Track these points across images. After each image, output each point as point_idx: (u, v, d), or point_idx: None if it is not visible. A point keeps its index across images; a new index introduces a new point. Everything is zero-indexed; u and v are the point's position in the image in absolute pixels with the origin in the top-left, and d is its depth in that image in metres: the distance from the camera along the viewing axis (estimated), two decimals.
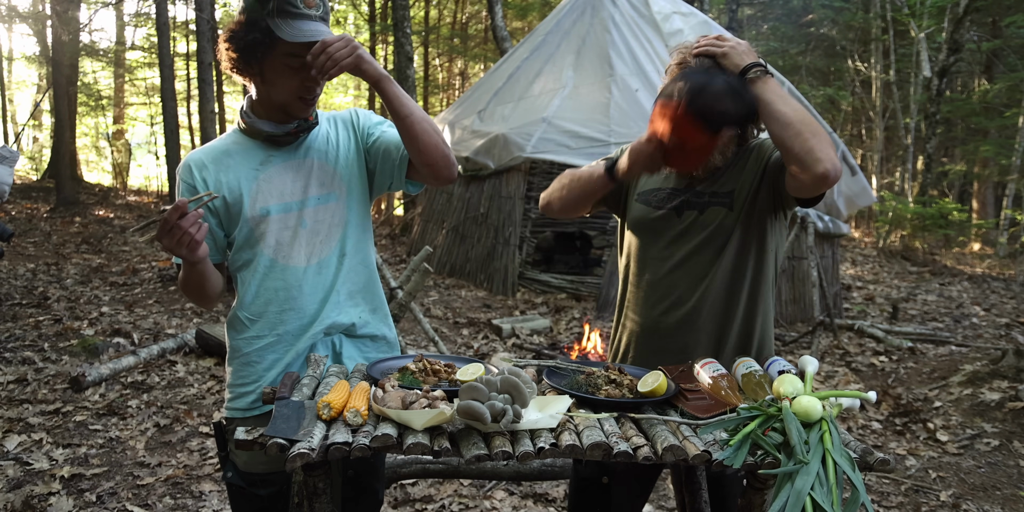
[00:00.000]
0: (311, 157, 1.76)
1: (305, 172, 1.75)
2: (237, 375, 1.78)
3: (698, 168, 1.80)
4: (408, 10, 10.45)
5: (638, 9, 7.50)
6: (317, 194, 1.75)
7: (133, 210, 13.23)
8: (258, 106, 1.73)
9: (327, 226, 1.76)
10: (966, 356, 5.38)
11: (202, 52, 11.40)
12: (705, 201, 1.82)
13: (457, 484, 3.19)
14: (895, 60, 16.20)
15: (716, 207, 1.81)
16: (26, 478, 3.07)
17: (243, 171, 1.72)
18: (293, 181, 1.74)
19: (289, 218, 1.73)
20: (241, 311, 1.76)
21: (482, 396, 1.34)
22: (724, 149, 1.77)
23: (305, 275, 1.74)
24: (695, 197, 1.83)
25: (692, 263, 1.82)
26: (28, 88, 21.78)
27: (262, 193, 1.71)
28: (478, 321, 6.09)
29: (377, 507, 1.95)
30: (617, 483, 1.91)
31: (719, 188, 1.82)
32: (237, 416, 1.76)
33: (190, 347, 4.91)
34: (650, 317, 1.88)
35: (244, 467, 1.73)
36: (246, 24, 1.61)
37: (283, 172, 1.73)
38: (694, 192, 1.83)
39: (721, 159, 1.80)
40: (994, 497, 3.24)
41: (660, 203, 1.87)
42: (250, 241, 1.73)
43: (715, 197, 1.81)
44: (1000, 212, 14.20)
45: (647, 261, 1.89)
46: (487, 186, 7.56)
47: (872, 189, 8.77)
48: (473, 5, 19.74)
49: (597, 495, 1.93)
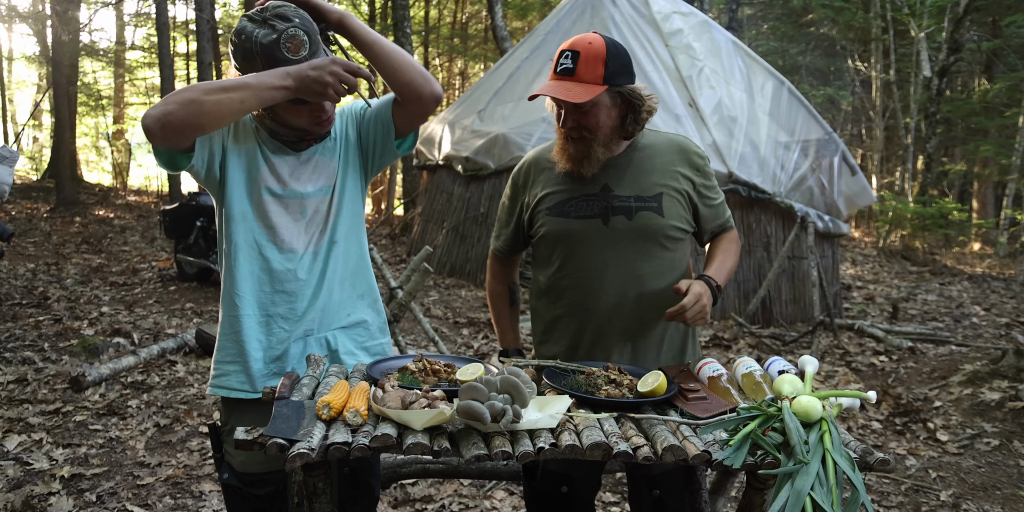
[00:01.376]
0: (316, 153, 1.78)
1: (311, 165, 1.77)
2: (222, 351, 1.78)
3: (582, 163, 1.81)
4: (408, 10, 10.44)
5: (638, 9, 7.49)
6: (318, 186, 1.78)
7: (133, 210, 13.23)
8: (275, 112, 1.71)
9: (323, 215, 1.79)
10: (966, 356, 5.38)
11: (202, 52, 11.41)
12: (631, 206, 1.83)
13: (457, 484, 3.19)
14: (895, 60, 16.19)
15: (645, 212, 1.82)
16: (26, 478, 3.07)
17: (255, 146, 1.72)
18: (298, 171, 1.75)
19: (290, 205, 1.74)
20: (234, 288, 1.75)
21: (482, 396, 1.34)
22: (606, 141, 1.80)
23: (301, 262, 1.76)
24: (619, 202, 1.83)
25: (623, 266, 1.83)
26: (28, 88, 21.79)
27: (269, 175, 1.73)
28: (478, 321, 6.08)
29: (374, 504, 1.95)
30: (576, 490, 1.91)
31: (642, 192, 1.83)
32: (221, 394, 1.77)
33: (190, 347, 4.91)
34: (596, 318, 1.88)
35: (241, 467, 1.74)
36: (243, 58, 1.60)
37: (290, 162, 1.75)
38: (616, 197, 1.83)
39: (603, 151, 1.81)
40: (994, 497, 3.24)
41: (580, 212, 1.85)
42: (247, 219, 1.73)
43: (640, 201, 1.83)
44: (1000, 212, 14.20)
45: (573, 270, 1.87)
46: (487, 186, 7.56)
47: (872, 189, 8.77)
48: (473, 5, 19.73)
49: (556, 505, 1.92)
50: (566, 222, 1.85)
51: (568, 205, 1.86)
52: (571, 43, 1.75)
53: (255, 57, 1.57)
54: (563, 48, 1.76)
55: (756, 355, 5.41)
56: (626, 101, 1.78)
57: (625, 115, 1.80)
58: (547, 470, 1.90)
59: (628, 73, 1.77)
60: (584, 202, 1.85)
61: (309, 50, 1.59)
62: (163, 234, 7.85)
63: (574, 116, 1.76)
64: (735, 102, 7.12)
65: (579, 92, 1.70)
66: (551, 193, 1.89)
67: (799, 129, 7.31)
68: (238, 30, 1.60)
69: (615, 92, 1.76)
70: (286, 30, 1.57)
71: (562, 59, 1.75)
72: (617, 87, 1.75)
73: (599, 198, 1.84)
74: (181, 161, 1.62)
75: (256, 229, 1.73)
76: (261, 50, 1.56)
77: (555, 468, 1.89)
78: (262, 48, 1.56)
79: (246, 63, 1.60)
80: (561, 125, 1.79)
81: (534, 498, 1.97)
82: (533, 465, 1.92)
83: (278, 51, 1.56)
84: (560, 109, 1.79)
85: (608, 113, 1.77)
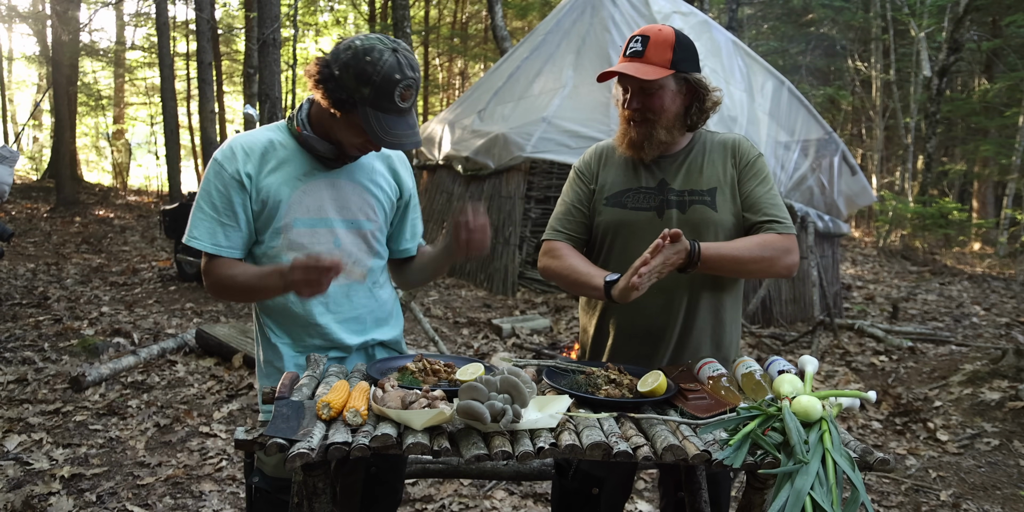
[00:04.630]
0: (350, 180, 1.79)
1: (344, 193, 1.77)
2: (267, 361, 1.82)
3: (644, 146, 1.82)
4: (408, 10, 10.43)
5: (638, 9, 7.49)
6: (349, 217, 1.78)
7: (133, 210, 13.24)
8: (317, 120, 1.72)
9: (358, 250, 1.80)
10: (966, 356, 5.38)
11: (202, 52, 11.41)
12: (685, 199, 1.83)
13: (457, 484, 3.19)
14: (895, 60, 16.20)
15: (698, 206, 1.82)
16: (26, 478, 3.07)
17: (286, 178, 1.72)
18: (329, 199, 1.75)
19: (319, 234, 1.75)
20: (265, 317, 1.81)
21: (482, 396, 1.34)
22: (669, 126, 1.80)
23: (334, 295, 1.77)
24: (674, 195, 1.84)
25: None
26: (28, 88, 21.79)
27: (297, 204, 1.72)
28: (478, 321, 6.08)
29: (396, 505, 1.96)
30: (608, 492, 1.91)
31: (696, 186, 1.84)
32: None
33: (190, 347, 4.91)
34: (639, 317, 1.87)
35: (272, 472, 1.74)
36: (336, 86, 1.59)
37: (322, 188, 1.75)
38: (671, 191, 1.84)
39: (666, 135, 1.81)
40: (994, 497, 3.24)
41: (636, 204, 1.86)
42: (277, 247, 1.74)
43: (694, 195, 1.83)
44: (1000, 211, 14.19)
45: (626, 260, 1.84)
46: (487, 186, 7.56)
47: (872, 189, 8.77)
48: (473, 5, 19.74)
49: (584, 506, 1.92)
50: (623, 213, 1.87)
51: (626, 196, 1.87)
52: (642, 29, 1.80)
53: (369, 81, 1.56)
54: (634, 34, 1.80)
55: (756, 355, 5.41)
56: (691, 89, 1.80)
57: (690, 104, 1.82)
58: (580, 470, 1.90)
59: (695, 63, 1.80)
60: (642, 194, 1.86)
61: (411, 104, 1.63)
62: (163, 234, 7.86)
63: (640, 98, 1.78)
64: (735, 102, 7.11)
65: (648, 71, 1.73)
66: (611, 183, 1.91)
67: (799, 129, 7.31)
68: (366, 48, 1.56)
69: (681, 78, 1.78)
70: (412, 77, 1.59)
71: (632, 43, 1.78)
72: (684, 73, 1.77)
73: (656, 192, 1.85)
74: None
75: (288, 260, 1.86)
76: (381, 79, 1.55)
77: (589, 469, 1.89)
78: (383, 77, 1.55)
79: (357, 83, 1.57)
80: (627, 107, 1.80)
81: (563, 496, 1.97)
82: (566, 464, 1.92)
83: (393, 87, 1.57)
84: (626, 93, 1.81)
85: (673, 98, 1.79)
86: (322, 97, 1.62)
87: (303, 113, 1.73)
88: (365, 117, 1.59)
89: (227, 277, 1.69)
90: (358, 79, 1.56)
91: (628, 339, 1.90)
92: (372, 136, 1.60)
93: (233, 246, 1.72)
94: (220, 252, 1.70)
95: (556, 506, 1.99)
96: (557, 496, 2.00)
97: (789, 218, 1.84)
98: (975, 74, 16.98)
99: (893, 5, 15.05)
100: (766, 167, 1.89)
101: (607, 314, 1.93)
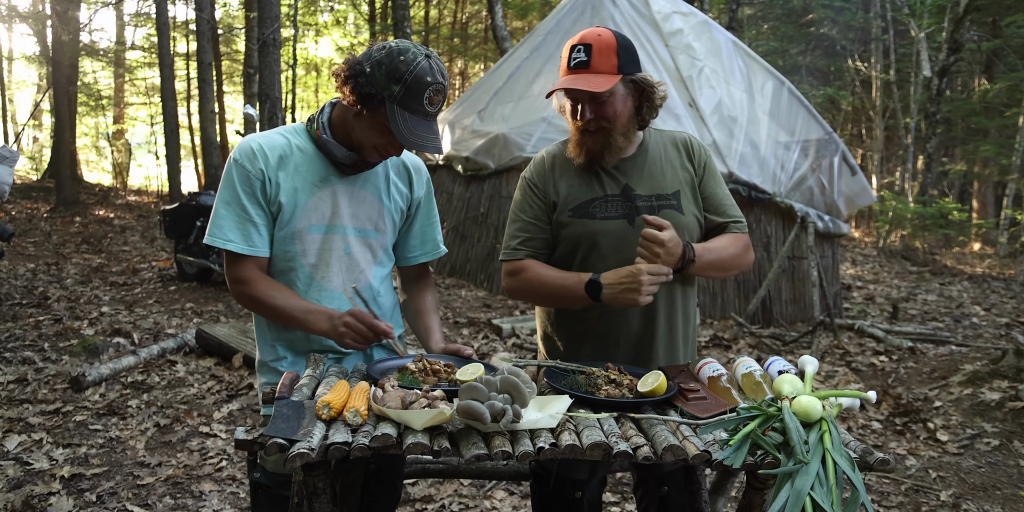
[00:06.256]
0: (365, 189, 1.79)
1: (357, 201, 1.77)
2: (267, 361, 1.83)
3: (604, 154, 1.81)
4: (408, 10, 10.44)
5: (638, 9, 7.49)
6: (359, 226, 1.78)
7: (133, 210, 13.24)
8: (339, 123, 1.71)
9: (364, 259, 1.81)
10: (966, 356, 5.38)
11: (202, 52, 11.41)
12: (654, 205, 1.83)
13: (457, 484, 3.19)
14: (895, 60, 16.20)
15: (667, 210, 1.82)
16: (26, 478, 3.07)
17: (303, 183, 1.71)
18: (343, 207, 1.75)
19: (332, 241, 1.75)
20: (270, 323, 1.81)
21: (482, 396, 1.34)
22: (624, 131, 1.79)
23: (340, 301, 1.77)
24: (642, 202, 1.83)
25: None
26: (28, 88, 21.79)
27: (313, 210, 1.72)
28: (478, 321, 6.08)
29: (395, 503, 1.96)
30: (589, 493, 1.90)
31: (661, 190, 1.84)
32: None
33: (190, 347, 4.91)
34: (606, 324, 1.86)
35: (273, 468, 1.75)
36: (367, 81, 1.59)
37: (336, 195, 1.74)
38: (639, 197, 1.83)
39: (623, 140, 1.80)
40: (994, 497, 3.24)
41: (605, 213, 1.83)
42: (290, 252, 1.74)
43: (661, 199, 1.83)
44: (1000, 212, 14.20)
45: (599, 270, 1.79)
46: (487, 186, 7.56)
47: (872, 189, 8.76)
48: (473, 5, 19.74)
49: (568, 510, 1.91)
50: (592, 223, 1.83)
51: (593, 206, 1.84)
52: (580, 37, 1.76)
53: (400, 80, 1.56)
54: (572, 43, 1.76)
55: (756, 355, 5.41)
56: (639, 89, 1.79)
57: (640, 104, 1.81)
58: (561, 476, 1.89)
59: (637, 62, 1.79)
60: (609, 203, 1.84)
61: (436, 110, 1.64)
62: (163, 234, 7.85)
63: (591, 107, 1.75)
64: (735, 102, 7.12)
65: (598, 82, 1.71)
66: (572, 193, 1.87)
67: (799, 129, 7.31)
68: (401, 49, 1.58)
69: (629, 81, 1.77)
70: (442, 83, 1.61)
71: (574, 53, 1.75)
72: (630, 75, 1.76)
73: (622, 199, 1.84)
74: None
75: (298, 263, 1.85)
76: (413, 78, 1.56)
77: (568, 473, 1.88)
78: (415, 77, 1.56)
79: (388, 80, 1.57)
80: (579, 118, 1.77)
81: (544, 504, 1.95)
82: (545, 473, 1.91)
83: (423, 89, 1.58)
84: (576, 103, 1.78)
85: (624, 102, 1.77)
86: (349, 93, 1.61)
87: (324, 117, 1.72)
88: (392, 115, 1.58)
89: (265, 295, 1.68)
90: (390, 76, 1.57)
91: (584, 345, 1.89)
92: (397, 133, 1.58)
93: (265, 245, 1.71)
94: (256, 252, 1.69)
95: (536, 507, 1.98)
96: (538, 504, 1.98)
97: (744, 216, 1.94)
98: (975, 74, 16.98)
99: (893, 5, 15.05)
100: (715, 164, 1.95)
101: (563, 320, 1.93)
